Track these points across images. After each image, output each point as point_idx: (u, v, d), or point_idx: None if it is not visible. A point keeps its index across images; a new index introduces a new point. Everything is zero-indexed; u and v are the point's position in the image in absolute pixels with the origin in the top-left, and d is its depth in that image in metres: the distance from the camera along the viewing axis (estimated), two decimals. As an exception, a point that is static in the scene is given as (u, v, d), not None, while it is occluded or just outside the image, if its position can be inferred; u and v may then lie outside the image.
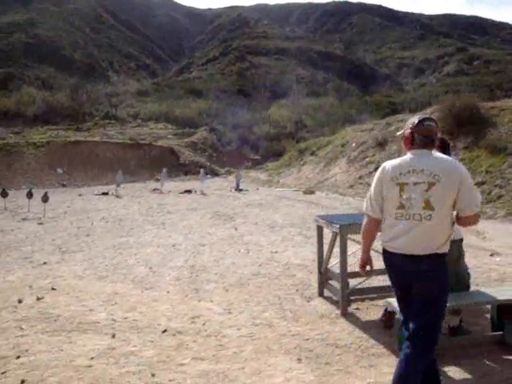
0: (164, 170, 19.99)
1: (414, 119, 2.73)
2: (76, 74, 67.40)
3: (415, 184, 2.57)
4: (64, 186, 27.26)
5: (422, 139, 2.64)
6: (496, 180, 10.78)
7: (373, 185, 2.79)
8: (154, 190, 18.88)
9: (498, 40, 76.01)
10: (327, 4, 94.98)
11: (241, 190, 18.16)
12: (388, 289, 4.84)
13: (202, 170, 19.34)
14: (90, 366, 3.53)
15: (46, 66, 66.02)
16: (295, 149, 24.04)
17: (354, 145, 17.60)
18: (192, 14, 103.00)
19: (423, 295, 2.59)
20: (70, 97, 48.56)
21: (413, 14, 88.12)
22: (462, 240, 3.80)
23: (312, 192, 15.55)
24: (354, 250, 5.16)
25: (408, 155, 2.70)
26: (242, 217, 11.30)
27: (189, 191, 18.21)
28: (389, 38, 77.91)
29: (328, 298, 4.92)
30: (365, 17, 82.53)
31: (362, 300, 4.84)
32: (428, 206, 2.53)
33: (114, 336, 4.10)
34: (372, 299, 4.83)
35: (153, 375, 3.33)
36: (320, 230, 5.01)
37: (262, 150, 38.92)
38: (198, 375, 3.31)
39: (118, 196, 17.10)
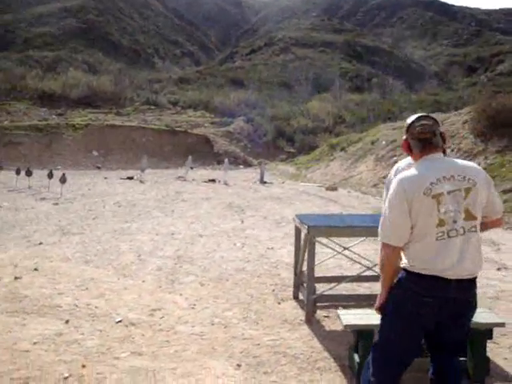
0: (189, 157, 20.05)
1: (408, 120, 2.41)
2: (122, 59, 69.03)
3: (449, 193, 2.19)
4: (98, 168, 27.86)
5: (416, 144, 2.31)
6: (525, 188, 10.07)
7: (390, 205, 2.23)
8: (179, 177, 18.94)
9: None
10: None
11: (265, 182, 17.92)
12: (364, 297, 4.57)
13: (226, 160, 19.26)
14: (28, 351, 3.46)
15: (94, 50, 67.75)
16: (327, 143, 23.53)
17: (383, 143, 17.00)
18: (240, 3, 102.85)
19: (460, 332, 2.32)
20: (113, 81, 49.73)
21: (468, 8, 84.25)
22: None
23: (335, 189, 15.13)
24: (333, 253, 4.88)
25: (424, 162, 2.29)
26: (254, 210, 11.09)
27: (213, 180, 18.15)
28: (441, 33, 75.01)
29: (301, 302, 4.66)
30: (417, 11, 79.77)
31: (336, 307, 4.54)
32: (469, 215, 2.19)
33: (67, 322, 4.03)
34: (346, 307, 4.52)
35: (83, 366, 3.21)
36: (298, 230, 4.74)
37: (298, 143, 38.39)
38: (127, 371, 3.17)
39: (141, 181, 17.28)
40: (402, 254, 2.27)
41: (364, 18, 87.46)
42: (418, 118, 2.35)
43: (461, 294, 2.19)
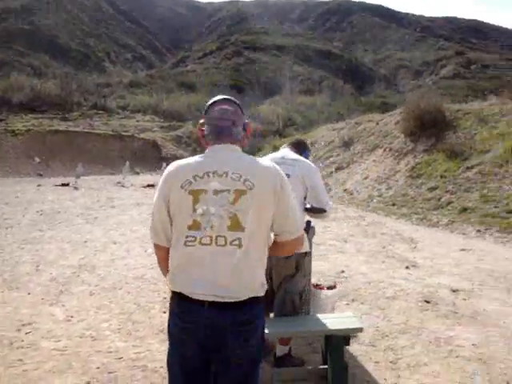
0: (127, 162, 19.58)
1: (209, 101, 1.97)
2: (71, 63, 66.97)
3: (216, 192, 1.74)
4: (40, 175, 26.74)
5: (212, 130, 1.89)
6: (448, 185, 10.30)
7: (155, 198, 1.87)
8: (118, 182, 18.39)
9: (497, 45, 75.25)
10: (329, 2, 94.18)
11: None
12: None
13: (164, 164, 18.85)
14: None
15: (41, 53, 65.37)
16: (270, 146, 23.55)
17: (322, 144, 17.12)
18: (192, 7, 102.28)
19: (232, 371, 1.74)
20: (59, 86, 48.09)
21: (413, 15, 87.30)
22: (306, 254, 3.27)
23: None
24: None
25: (208, 152, 1.90)
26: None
27: (151, 185, 17.72)
28: (388, 38, 77.22)
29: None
30: (365, 16, 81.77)
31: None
32: (236, 224, 1.71)
33: None
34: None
35: None
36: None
37: (248, 146, 38.46)
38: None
39: (75, 188, 16.62)
40: None
41: (315, 22, 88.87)
42: (219, 101, 1.92)
43: (220, 321, 1.69)
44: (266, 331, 3.01)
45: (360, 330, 3.07)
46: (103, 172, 29.41)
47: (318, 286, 4.23)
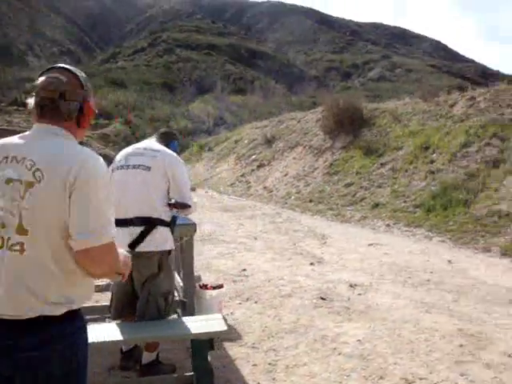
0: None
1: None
2: (-12, 55, 62.63)
3: (9, 182, 1.41)
4: None
5: (35, 103, 1.51)
6: (363, 182, 10.46)
7: None
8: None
9: (419, 51, 79.43)
10: (262, 3, 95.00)
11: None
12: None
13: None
14: None
15: (-48, 45, 60.67)
16: (197, 144, 23.17)
17: (246, 141, 16.99)
18: (124, 2, 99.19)
19: None
20: (-26, 80, 44.80)
21: (343, 19, 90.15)
22: (169, 252, 2.97)
23: (193, 189, 14.63)
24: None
25: (27, 133, 1.54)
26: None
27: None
28: (320, 40, 79.09)
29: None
30: (298, 19, 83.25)
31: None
32: (20, 226, 1.39)
33: None
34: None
35: None
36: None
37: (189, 144, 37.77)
38: None
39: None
40: None
41: (248, 22, 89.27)
42: (52, 69, 1.56)
43: (15, 341, 1.38)
44: (126, 337, 2.72)
45: (224, 332, 2.80)
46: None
47: (203, 286, 3.98)
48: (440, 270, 5.57)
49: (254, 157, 15.17)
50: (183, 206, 2.95)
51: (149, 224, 2.83)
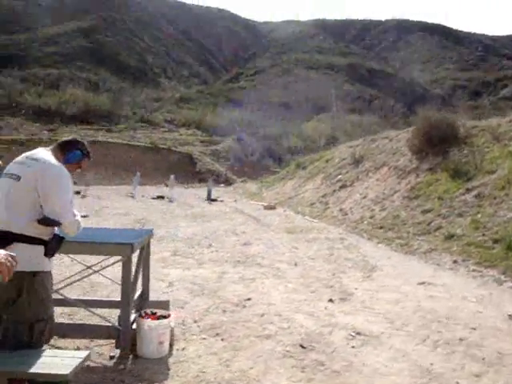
0: (137, 173, 19.41)
1: None
2: (129, 78, 69.72)
3: None
4: (75, 183, 27.39)
5: None
6: (443, 209, 9.02)
7: None
8: (130, 194, 18.25)
9: None
10: (387, 21, 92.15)
11: (213, 200, 17.13)
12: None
13: (172, 177, 18.51)
14: None
15: (101, 69, 68.64)
16: (295, 163, 22.68)
17: (336, 161, 16.08)
18: (249, 26, 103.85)
19: None
20: (111, 99, 49.97)
21: (475, 34, 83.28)
22: (35, 274, 2.51)
23: (272, 207, 14.24)
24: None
25: None
26: (155, 225, 10.27)
27: (161, 197, 17.45)
28: (447, 58, 74.03)
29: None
30: (424, 36, 79.06)
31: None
32: None
33: None
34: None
35: None
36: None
37: (285, 162, 37.74)
38: None
39: (83, 196, 16.65)
40: None
41: (371, 41, 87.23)
42: None
43: None
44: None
45: (64, 377, 2.24)
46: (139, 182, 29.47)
47: (145, 316, 3.47)
48: (488, 328, 4.31)
49: (339, 177, 14.24)
50: (48, 223, 2.50)
51: (4, 239, 2.42)
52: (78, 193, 17.62)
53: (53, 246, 2.59)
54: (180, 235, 9.35)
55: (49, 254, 2.63)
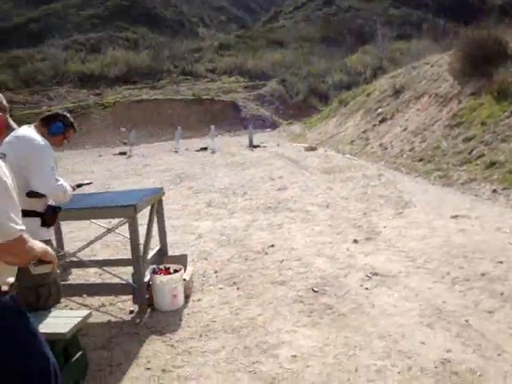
0: (179, 128, 19.58)
1: None
2: (166, 31, 69.16)
3: None
4: (125, 144, 28.16)
5: None
6: (486, 135, 8.45)
7: None
8: (174, 149, 18.56)
9: None
10: None
11: (255, 146, 17.09)
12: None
13: (212, 127, 18.49)
14: None
15: (137, 26, 68.36)
16: (337, 99, 21.89)
17: (376, 94, 15.36)
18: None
19: None
20: (151, 56, 49.98)
21: None
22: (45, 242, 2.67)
23: (313, 149, 13.99)
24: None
25: None
26: (192, 179, 10.49)
27: (204, 149, 17.63)
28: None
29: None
30: None
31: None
32: None
33: None
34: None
35: None
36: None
37: (332, 100, 36.60)
38: None
39: (130, 156, 17.14)
40: None
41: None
42: None
43: None
44: None
45: (63, 335, 2.40)
46: (183, 136, 29.73)
47: (159, 271, 3.62)
48: (517, 259, 4.12)
49: (379, 110, 13.63)
50: (35, 195, 2.62)
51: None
52: (123, 153, 18.18)
53: (48, 216, 2.72)
54: (216, 186, 9.47)
55: (46, 224, 2.78)
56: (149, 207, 3.92)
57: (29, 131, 2.76)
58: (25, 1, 77.98)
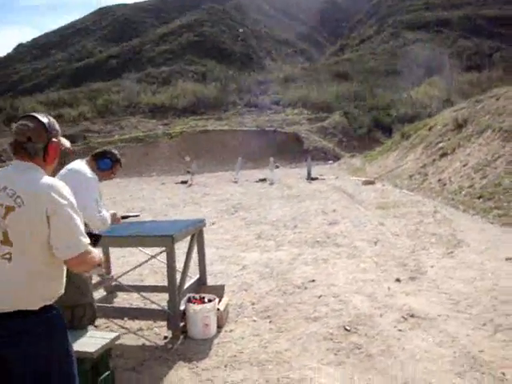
0: (239, 158, 20.00)
1: None
2: (235, 65, 71.69)
3: None
4: (188, 172, 29.20)
5: (11, 144, 1.98)
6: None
7: None
8: (234, 179, 18.98)
9: None
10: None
11: (313, 178, 17.11)
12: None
13: (271, 159, 18.73)
14: None
15: (207, 60, 71.50)
16: (400, 132, 21.49)
17: (439, 127, 14.96)
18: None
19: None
20: (218, 88, 51.97)
21: None
22: None
23: (371, 182, 13.79)
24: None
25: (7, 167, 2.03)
26: (245, 210, 10.68)
27: (263, 180, 17.90)
28: None
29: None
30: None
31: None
32: (6, 239, 1.84)
33: None
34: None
35: None
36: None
37: (395, 133, 35.95)
38: None
39: (191, 184, 17.76)
40: None
41: (490, -14, 78.16)
42: (23, 117, 2.00)
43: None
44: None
45: (89, 354, 2.57)
46: (246, 167, 30.25)
47: (193, 300, 3.77)
48: None
49: (440, 145, 13.25)
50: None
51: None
52: (185, 182, 18.85)
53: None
54: (269, 218, 9.58)
55: None
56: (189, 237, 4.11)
57: (80, 165, 3.07)
58: (107, 40, 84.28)
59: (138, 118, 45.24)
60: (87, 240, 1.90)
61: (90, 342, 2.68)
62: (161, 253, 3.96)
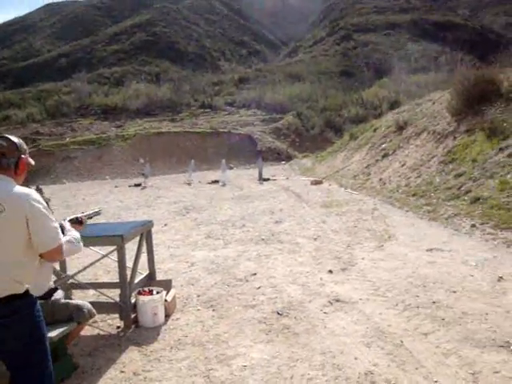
0: (192, 161, 20.35)
1: None
2: (188, 65, 71.43)
3: None
4: (143, 175, 29.06)
5: None
6: (476, 171, 8.86)
7: None
8: (187, 181, 19.29)
9: None
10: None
11: (265, 179, 17.68)
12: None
13: (223, 161, 19.23)
14: None
15: (161, 60, 70.79)
16: (348, 133, 22.48)
17: (382, 129, 15.90)
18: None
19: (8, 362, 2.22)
20: (172, 89, 51.77)
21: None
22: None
23: (319, 182, 14.52)
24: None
25: None
26: (197, 212, 11.08)
27: (216, 181, 18.30)
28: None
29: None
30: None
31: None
32: None
33: None
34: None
35: None
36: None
37: (346, 133, 37.26)
38: None
39: (144, 187, 17.91)
40: None
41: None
42: None
43: None
44: None
45: (50, 339, 2.93)
46: (201, 168, 30.41)
47: (143, 292, 4.16)
48: (469, 291, 4.49)
49: (383, 146, 14.15)
50: None
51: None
52: (138, 185, 19.00)
53: None
54: (219, 218, 10.03)
55: None
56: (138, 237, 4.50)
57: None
58: (55, 38, 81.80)
59: (90, 119, 44.49)
60: (61, 235, 2.35)
61: (52, 329, 3.04)
62: (112, 251, 4.33)
